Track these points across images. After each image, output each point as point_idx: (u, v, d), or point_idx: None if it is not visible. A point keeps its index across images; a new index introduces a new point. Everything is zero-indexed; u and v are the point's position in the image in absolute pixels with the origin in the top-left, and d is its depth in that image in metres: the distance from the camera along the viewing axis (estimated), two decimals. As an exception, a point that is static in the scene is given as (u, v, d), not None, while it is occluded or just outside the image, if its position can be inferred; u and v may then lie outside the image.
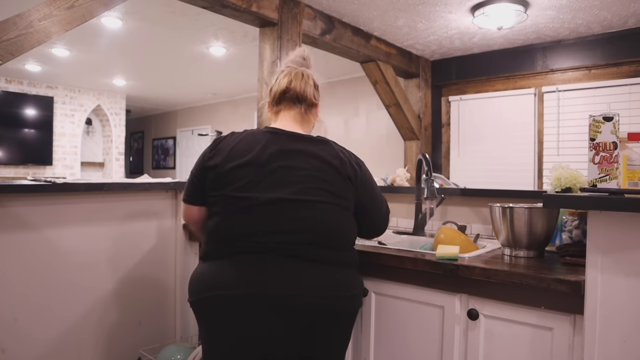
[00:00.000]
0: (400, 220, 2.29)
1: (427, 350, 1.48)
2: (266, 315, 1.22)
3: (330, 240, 1.29)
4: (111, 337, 1.97)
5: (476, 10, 3.31)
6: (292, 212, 1.25)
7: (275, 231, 1.24)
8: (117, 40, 4.36)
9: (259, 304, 1.21)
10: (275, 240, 1.24)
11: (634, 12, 3.30)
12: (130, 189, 2.02)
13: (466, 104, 4.62)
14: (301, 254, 1.24)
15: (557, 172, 1.66)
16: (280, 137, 1.34)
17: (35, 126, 6.50)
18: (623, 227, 1.09)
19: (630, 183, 1.23)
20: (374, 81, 4.18)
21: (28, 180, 1.82)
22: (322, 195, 1.28)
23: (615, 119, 1.24)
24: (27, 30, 2.03)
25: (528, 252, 1.49)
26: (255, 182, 1.27)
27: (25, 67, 5.61)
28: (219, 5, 2.68)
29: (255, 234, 1.24)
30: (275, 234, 1.24)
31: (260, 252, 1.24)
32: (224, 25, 3.84)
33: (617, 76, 3.71)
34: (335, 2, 3.22)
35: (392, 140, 5.06)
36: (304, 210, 1.26)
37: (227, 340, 1.26)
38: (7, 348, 1.66)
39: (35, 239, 1.74)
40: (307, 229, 1.25)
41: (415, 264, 1.47)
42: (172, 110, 8.96)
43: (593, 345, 1.13)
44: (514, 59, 4.26)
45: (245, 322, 1.23)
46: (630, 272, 1.08)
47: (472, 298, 1.38)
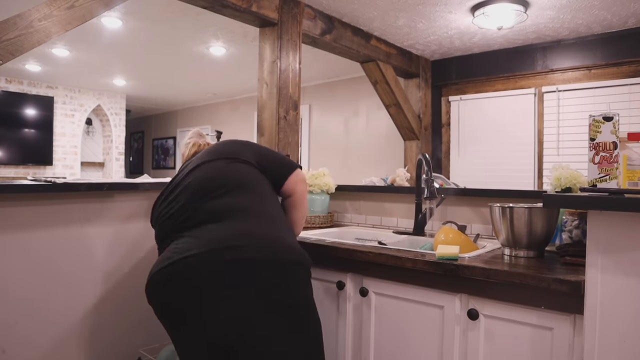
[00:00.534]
0: (400, 220, 2.29)
1: (427, 350, 1.48)
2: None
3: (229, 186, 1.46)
4: (111, 337, 1.97)
5: (476, 10, 3.30)
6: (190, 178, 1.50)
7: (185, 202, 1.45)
8: (117, 40, 4.36)
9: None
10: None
11: (634, 12, 3.30)
12: (130, 189, 2.02)
13: (466, 104, 4.62)
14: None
15: (557, 172, 1.66)
16: None
17: (35, 126, 6.50)
18: (623, 227, 1.09)
19: (630, 183, 1.23)
20: (374, 81, 4.18)
21: (28, 180, 1.82)
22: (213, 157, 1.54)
23: (615, 119, 1.24)
24: (27, 30, 2.03)
25: (528, 252, 1.49)
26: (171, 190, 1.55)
27: (26, 67, 5.61)
28: (219, 5, 2.68)
29: (172, 215, 1.46)
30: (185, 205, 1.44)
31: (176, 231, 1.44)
32: (224, 25, 3.84)
33: (617, 76, 3.71)
34: (335, 2, 3.22)
35: (392, 140, 5.06)
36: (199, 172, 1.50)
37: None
38: (7, 348, 1.66)
39: (35, 239, 1.74)
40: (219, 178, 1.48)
41: (415, 264, 1.47)
42: (172, 110, 8.96)
43: (593, 345, 1.13)
44: (514, 59, 4.26)
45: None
46: (630, 272, 1.08)
47: (472, 298, 1.38)
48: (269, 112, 2.99)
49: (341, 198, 2.57)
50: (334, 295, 1.72)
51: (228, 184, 1.44)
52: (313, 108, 6.20)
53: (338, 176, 2.70)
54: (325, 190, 2.43)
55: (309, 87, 6.08)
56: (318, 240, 1.85)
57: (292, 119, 3.03)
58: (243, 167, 1.51)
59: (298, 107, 3.09)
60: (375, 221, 2.40)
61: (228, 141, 1.67)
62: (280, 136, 2.93)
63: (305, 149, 6.19)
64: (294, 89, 3.06)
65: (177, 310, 1.30)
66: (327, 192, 2.45)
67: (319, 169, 2.48)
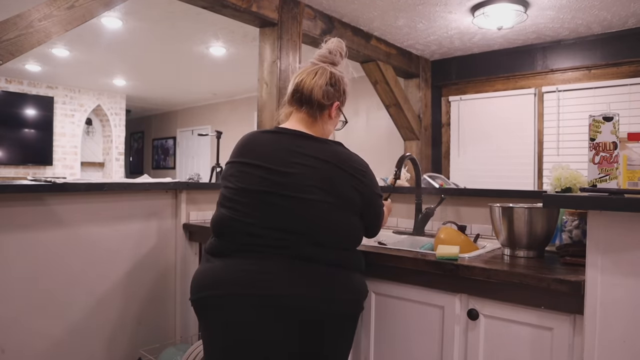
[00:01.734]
0: (400, 220, 2.29)
1: (427, 350, 1.48)
2: (262, 317, 1.21)
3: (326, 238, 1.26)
4: (111, 337, 1.97)
5: (476, 10, 3.31)
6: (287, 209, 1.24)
7: (272, 228, 1.24)
8: (117, 40, 4.36)
9: (253, 304, 1.21)
10: (274, 237, 1.23)
11: (634, 12, 3.30)
12: (130, 189, 2.02)
13: (466, 104, 4.62)
14: (298, 253, 1.24)
15: (557, 172, 1.66)
16: (283, 137, 1.33)
17: (35, 126, 6.50)
18: (623, 227, 1.09)
19: (630, 183, 1.23)
20: (374, 81, 4.18)
21: (28, 180, 1.82)
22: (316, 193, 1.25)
23: (615, 119, 1.24)
24: (27, 30, 2.03)
25: (528, 252, 1.49)
26: (253, 180, 1.27)
27: (26, 67, 5.61)
28: (219, 5, 2.68)
29: (254, 227, 1.24)
30: (272, 230, 1.24)
31: (258, 250, 1.24)
32: (224, 25, 3.84)
33: (617, 76, 3.71)
34: (335, 2, 3.22)
35: (392, 140, 5.06)
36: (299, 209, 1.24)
37: (224, 341, 1.26)
38: (7, 348, 1.66)
39: (36, 239, 1.74)
40: (302, 226, 1.24)
41: (416, 264, 1.47)
42: (172, 110, 8.96)
43: (593, 345, 1.13)
44: (514, 59, 4.26)
45: (241, 323, 1.22)
46: (630, 272, 1.08)
47: (472, 298, 1.38)
48: (269, 112, 2.99)
49: (341, 198, 2.57)
50: (334, 295, 1.72)
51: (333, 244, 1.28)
52: (313, 108, 6.20)
53: (338, 176, 2.70)
54: (325, 190, 2.42)
55: (309, 87, 6.07)
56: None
57: (292, 119, 3.03)
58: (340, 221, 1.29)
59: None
60: (375, 221, 2.40)
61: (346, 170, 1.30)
62: (280, 136, 2.93)
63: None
64: (294, 89, 3.05)
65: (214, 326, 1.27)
66: (327, 192, 2.45)
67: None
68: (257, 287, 1.21)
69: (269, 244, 1.23)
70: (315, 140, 1.33)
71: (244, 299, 1.21)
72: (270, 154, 1.29)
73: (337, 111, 1.43)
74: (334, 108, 1.41)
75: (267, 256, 1.23)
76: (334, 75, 1.39)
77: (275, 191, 1.24)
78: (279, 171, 1.26)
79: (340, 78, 1.41)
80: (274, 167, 1.27)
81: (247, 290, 1.21)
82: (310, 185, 1.25)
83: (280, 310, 1.21)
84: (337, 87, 1.40)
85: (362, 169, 1.35)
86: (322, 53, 1.44)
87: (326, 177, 1.27)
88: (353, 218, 1.33)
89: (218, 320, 1.25)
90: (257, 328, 1.21)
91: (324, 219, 1.25)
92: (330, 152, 1.30)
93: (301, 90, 1.36)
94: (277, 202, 1.24)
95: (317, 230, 1.25)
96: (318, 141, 1.33)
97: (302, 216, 1.24)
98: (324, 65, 1.41)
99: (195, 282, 1.30)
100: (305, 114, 1.38)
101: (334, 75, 1.39)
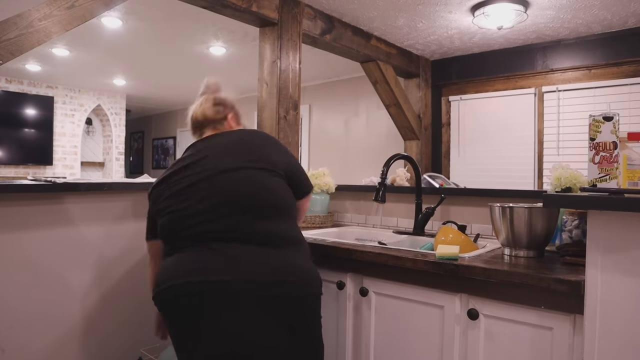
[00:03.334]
0: (400, 220, 2.29)
1: (427, 350, 1.48)
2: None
3: (268, 208, 1.38)
4: (111, 337, 1.97)
5: (476, 10, 3.30)
6: (219, 183, 1.37)
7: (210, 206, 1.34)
8: (117, 40, 4.36)
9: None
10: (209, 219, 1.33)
11: (634, 12, 3.30)
12: (130, 189, 2.02)
13: (466, 103, 4.62)
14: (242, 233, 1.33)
15: (557, 172, 1.66)
16: (196, 143, 1.54)
17: (35, 126, 6.49)
18: (623, 227, 1.09)
19: (630, 183, 1.23)
20: (374, 81, 4.18)
21: (28, 180, 1.82)
22: (244, 163, 1.41)
23: (615, 118, 1.24)
24: (27, 30, 2.03)
25: (528, 252, 1.49)
26: (185, 177, 1.41)
27: (26, 67, 5.61)
28: (219, 5, 2.68)
29: (189, 217, 1.35)
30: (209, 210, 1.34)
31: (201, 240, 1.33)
32: (224, 25, 3.84)
33: (617, 76, 3.71)
34: (335, 2, 3.22)
35: (392, 140, 5.06)
36: (231, 179, 1.37)
37: (186, 335, 1.30)
38: (7, 348, 1.66)
39: (35, 238, 1.74)
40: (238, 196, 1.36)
41: (415, 264, 1.47)
42: (172, 110, 8.96)
43: (593, 345, 1.13)
44: (514, 59, 4.26)
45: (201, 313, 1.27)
46: (630, 272, 1.08)
47: (472, 298, 1.38)
48: (269, 112, 2.99)
49: (341, 198, 2.57)
50: (334, 295, 1.72)
51: (270, 207, 1.39)
52: (313, 108, 6.20)
53: (338, 176, 2.70)
54: (325, 190, 2.43)
55: (309, 87, 6.07)
56: (318, 240, 1.85)
57: (292, 118, 3.03)
58: (281, 185, 1.45)
59: (298, 107, 3.09)
60: (375, 221, 2.40)
61: (257, 136, 1.55)
62: (281, 136, 2.93)
63: (305, 148, 6.18)
64: (294, 89, 3.06)
65: (191, 324, 1.29)
66: (327, 192, 2.45)
67: (319, 169, 2.48)
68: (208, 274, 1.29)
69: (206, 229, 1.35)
70: (225, 132, 1.56)
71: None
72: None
73: (234, 119, 1.63)
74: (229, 119, 1.61)
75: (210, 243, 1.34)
76: (216, 98, 1.62)
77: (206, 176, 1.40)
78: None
79: (224, 98, 1.63)
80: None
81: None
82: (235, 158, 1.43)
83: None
84: (224, 104, 1.62)
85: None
86: (201, 91, 1.67)
87: (246, 149, 1.47)
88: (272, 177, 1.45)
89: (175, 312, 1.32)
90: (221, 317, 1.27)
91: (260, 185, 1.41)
92: (242, 132, 1.56)
93: (195, 119, 1.60)
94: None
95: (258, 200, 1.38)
96: (228, 131, 1.56)
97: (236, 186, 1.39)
98: (205, 96, 1.64)
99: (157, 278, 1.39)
100: (211, 129, 1.58)
101: (216, 98, 1.62)
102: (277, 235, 1.36)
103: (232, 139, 1.51)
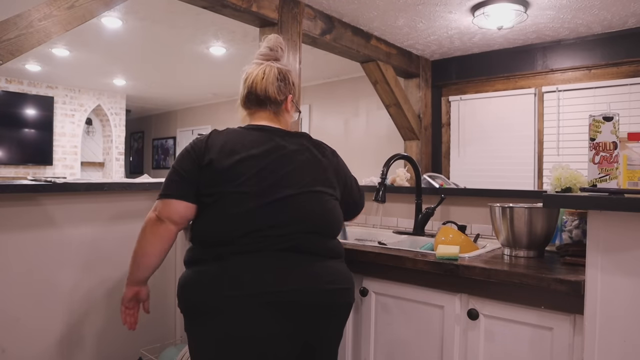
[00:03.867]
0: (401, 220, 2.29)
1: (427, 350, 1.48)
2: (263, 314, 1.22)
3: (328, 230, 1.35)
4: (111, 337, 1.97)
5: (476, 10, 3.30)
6: (296, 205, 1.28)
7: (281, 224, 1.26)
8: (117, 40, 4.36)
9: (257, 302, 1.22)
10: (278, 234, 1.25)
11: (634, 12, 3.30)
12: (130, 189, 2.02)
13: (466, 104, 4.62)
14: (303, 246, 1.28)
15: (557, 172, 1.66)
16: (267, 134, 1.36)
17: (35, 126, 6.50)
18: (623, 227, 1.09)
19: (630, 183, 1.23)
20: (374, 81, 4.18)
21: (28, 180, 1.82)
22: (318, 186, 1.34)
23: (615, 119, 1.24)
24: (27, 30, 2.03)
25: (528, 252, 1.49)
26: (256, 178, 1.27)
27: (26, 67, 5.61)
28: (219, 5, 2.68)
29: (261, 229, 1.24)
30: (280, 227, 1.26)
31: (264, 249, 1.25)
32: (224, 25, 3.84)
33: (617, 76, 3.71)
34: (335, 2, 3.22)
35: (392, 140, 5.06)
36: (306, 203, 1.30)
37: (225, 343, 1.24)
38: (7, 348, 1.66)
39: (35, 239, 1.74)
40: (310, 219, 1.30)
41: (415, 264, 1.47)
42: (172, 110, 8.96)
43: (593, 345, 1.13)
44: (514, 59, 4.26)
45: (245, 322, 1.22)
46: (630, 272, 1.08)
47: (472, 298, 1.38)
48: (269, 112, 2.98)
49: (341, 198, 2.57)
50: (334, 295, 1.72)
51: (332, 231, 1.36)
52: (313, 108, 6.20)
53: (338, 176, 2.70)
54: (325, 190, 2.42)
55: (309, 87, 6.08)
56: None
57: (292, 119, 3.03)
58: (337, 211, 1.40)
59: (298, 107, 3.08)
60: (375, 221, 2.40)
61: (325, 155, 1.41)
62: (280, 136, 2.93)
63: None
64: (294, 89, 3.05)
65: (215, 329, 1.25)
66: (327, 192, 2.45)
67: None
68: (263, 286, 1.24)
69: (274, 241, 1.26)
70: (296, 136, 1.40)
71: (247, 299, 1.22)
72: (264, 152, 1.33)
73: (292, 103, 1.48)
74: (288, 101, 1.46)
75: (274, 253, 1.26)
76: (281, 71, 1.43)
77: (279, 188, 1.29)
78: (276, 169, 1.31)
79: (287, 72, 1.45)
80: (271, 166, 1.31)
81: (252, 290, 1.23)
82: (311, 180, 1.33)
83: (281, 306, 1.24)
84: (286, 81, 1.44)
85: (336, 155, 1.49)
86: (263, 52, 1.47)
87: (320, 170, 1.37)
88: (337, 203, 1.42)
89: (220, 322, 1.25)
90: (258, 325, 1.22)
91: (326, 210, 1.34)
92: (314, 145, 1.42)
93: (255, 92, 1.41)
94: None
95: (321, 223, 1.32)
96: (299, 136, 1.41)
97: (309, 210, 1.31)
98: (268, 63, 1.44)
99: (189, 288, 1.29)
100: (269, 112, 1.43)
101: (281, 71, 1.43)
102: (334, 249, 1.37)
103: (306, 156, 1.36)
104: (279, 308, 1.22)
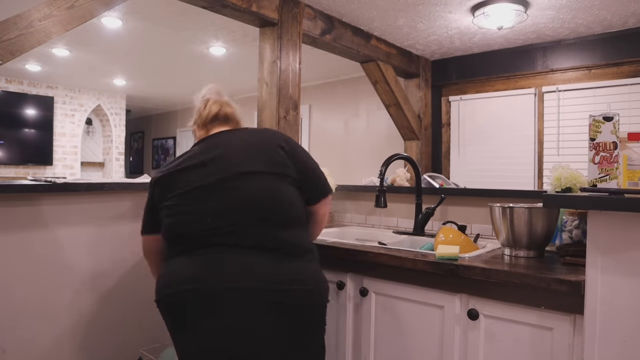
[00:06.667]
0: (400, 220, 2.29)
1: (427, 350, 1.48)
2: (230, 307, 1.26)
3: (280, 216, 1.35)
4: (111, 337, 1.97)
5: (476, 10, 3.30)
6: (235, 188, 1.34)
7: (225, 211, 1.32)
8: (117, 40, 4.36)
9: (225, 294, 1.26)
10: (229, 223, 1.31)
11: (634, 12, 3.30)
12: (130, 189, 2.02)
13: (466, 104, 4.62)
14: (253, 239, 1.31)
15: (557, 172, 1.66)
16: (207, 139, 1.49)
17: (35, 126, 6.49)
18: (623, 227, 1.09)
19: (630, 183, 1.23)
20: (374, 81, 4.18)
21: (28, 180, 1.82)
22: (261, 166, 1.38)
23: (615, 119, 1.24)
24: (27, 30, 2.03)
25: (528, 252, 1.49)
26: (200, 176, 1.37)
27: (26, 67, 5.61)
28: (219, 5, 2.68)
29: (204, 219, 1.31)
30: (225, 214, 1.31)
31: (214, 244, 1.30)
32: (224, 25, 3.84)
33: (617, 76, 3.71)
34: (335, 2, 3.22)
35: (392, 140, 5.06)
36: (248, 184, 1.34)
37: (196, 337, 1.28)
38: (7, 348, 1.66)
39: (36, 239, 1.74)
40: (254, 203, 1.33)
41: (415, 264, 1.47)
42: (172, 110, 8.96)
43: (593, 345, 1.13)
44: (514, 59, 4.26)
45: (213, 315, 1.26)
46: (630, 272, 1.08)
47: (472, 298, 1.38)
48: (269, 112, 2.99)
49: (341, 198, 2.57)
50: (334, 295, 1.72)
51: (286, 217, 1.36)
52: (313, 108, 6.20)
53: (338, 176, 2.70)
54: (325, 190, 2.42)
55: (309, 87, 6.07)
56: (318, 240, 1.85)
57: (292, 119, 3.03)
58: (294, 193, 1.41)
59: (298, 107, 3.09)
60: (375, 221, 2.40)
61: (273, 137, 1.50)
62: (280, 136, 2.93)
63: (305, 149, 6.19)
64: (294, 89, 3.06)
65: (191, 319, 1.29)
66: (327, 192, 2.45)
67: (319, 169, 2.47)
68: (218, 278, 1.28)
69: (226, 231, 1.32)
70: (240, 129, 1.59)
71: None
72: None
73: None
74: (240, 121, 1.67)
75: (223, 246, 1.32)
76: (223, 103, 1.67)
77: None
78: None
79: (227, 99, 1.71)
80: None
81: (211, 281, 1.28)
82: (252, 160, 1.40)
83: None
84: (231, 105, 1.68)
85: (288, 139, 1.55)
86: (213, 92, 1.73)
87: (264, 151, 1.44)
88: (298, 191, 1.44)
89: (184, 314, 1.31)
90: (230, 318, 1.26)
91: (275, 192, 1.38)
92: (261, 131, 1.59)
93: (223, 114, 1.62)
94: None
95: (270, 207, 1.36)
96: (243, 129, 1.59)
97: (252, 192, 1.36)
98: (225, 99, 1.71)
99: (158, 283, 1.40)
100: (222, 125, 1.59)
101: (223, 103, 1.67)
102: (292, 243, 1.34)
103: (249, 138, 1.48)
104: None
